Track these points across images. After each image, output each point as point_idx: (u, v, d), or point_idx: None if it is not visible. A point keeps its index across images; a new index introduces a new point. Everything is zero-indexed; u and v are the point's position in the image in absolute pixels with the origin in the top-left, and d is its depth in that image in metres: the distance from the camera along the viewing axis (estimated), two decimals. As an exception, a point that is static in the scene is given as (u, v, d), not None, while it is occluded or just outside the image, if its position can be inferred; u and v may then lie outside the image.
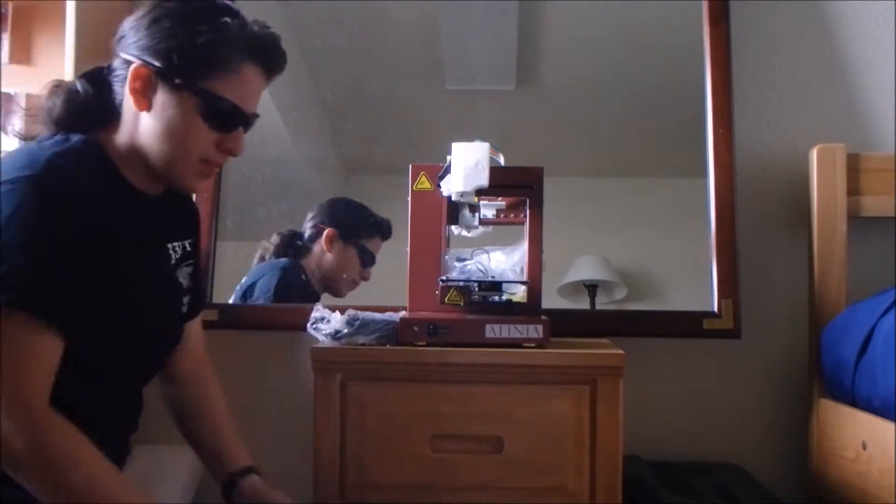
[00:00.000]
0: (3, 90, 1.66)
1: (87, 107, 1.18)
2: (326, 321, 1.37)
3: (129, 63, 1.15)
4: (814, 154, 1.67)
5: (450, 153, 1.33)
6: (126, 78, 1.15)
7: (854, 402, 1.47)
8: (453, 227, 1.45)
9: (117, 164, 1.17)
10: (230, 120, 1.18)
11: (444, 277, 1.37)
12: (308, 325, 1.39)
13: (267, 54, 1.20)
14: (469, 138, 1.33)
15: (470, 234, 1.45)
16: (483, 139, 1.33)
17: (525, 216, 1.39)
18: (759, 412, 1.75)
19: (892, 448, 1.29)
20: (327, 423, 1.31)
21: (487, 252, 1.42)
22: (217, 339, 1.72)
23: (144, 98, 1.15)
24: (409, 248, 1.40)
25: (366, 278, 1.76)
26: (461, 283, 1.37)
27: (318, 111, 1.88)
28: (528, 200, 1.38)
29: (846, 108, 1.78)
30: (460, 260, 1.41)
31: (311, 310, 1.40)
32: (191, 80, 1.14)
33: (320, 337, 1.37)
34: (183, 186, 1.23)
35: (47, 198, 1.05)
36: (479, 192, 1.33)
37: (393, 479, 1.31)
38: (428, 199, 1.40)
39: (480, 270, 1.39)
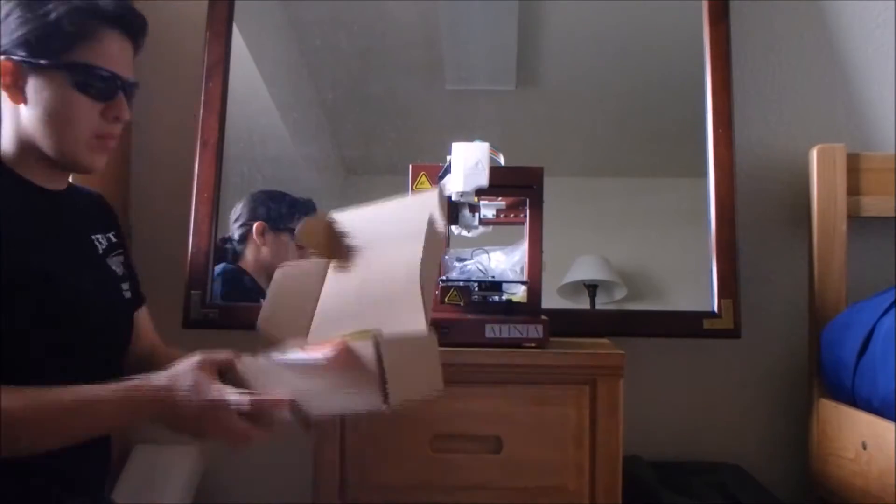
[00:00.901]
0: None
1: None
2: None
3: None
4: (814, 154, 1.67)
5: (450, 153, 1.33)
6: None
7: (854, 402, 1.47)
8: (453, 227, 1.44)
9: (14, 168, 1.17)
10: (106, 86, 1.18)
11: (443, 277, 1.37)
12: None
13: (121, 17, 1.19)
14: (469, 138, 1.33)
15: (470, 234, 1.45)
16: (483, 139, 1.33)
17: (525, 216, 1.39)
18: (759, 412, 1.75)
19: (892, 448, 1.29)
20: (327, 424, 1.31)
21: (487, 252, 1.42)
22: (217, 339, 1.72)
23: (17, 90, 1.15)
24: (409, 248, 1.40)
25: (307, 260, 1.76)
26: (461, 284, 1.37)
27: (318, 111, 1.87)
28: (528, 200, 1.38)
29: (846, 108, 1.78)
30: (460, 260, 1.41)
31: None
32: (55, 56, 1.14)
33: None
34: (83, 166, 1.21)
35: None
36: (479, 192, 1.33)
37: (393, 479, 1.31)
38: (428, 199, 1.40)
39: (480, 270, 1.39)
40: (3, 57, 1.14)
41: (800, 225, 1.71)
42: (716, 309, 1.65)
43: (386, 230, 1.15)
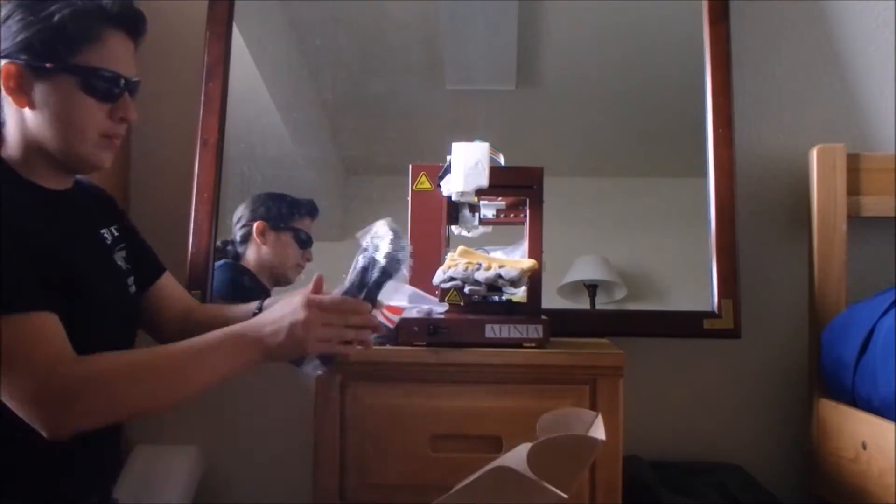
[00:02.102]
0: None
1: None
2: None
3: None
4: (814, 154, 1.67)
5: (450, 153, 1.33)
6: None
7: (854, 401, 1.47)
8: (453, 227, 1.45)
9: (20, 172, 1.17)
10: (113, 87, 1.18)
11: (437, 280, 1.36)
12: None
13: (124, 17, 1.19)
14: (469, 138, 1.33)
15: (470, 234, 1.45)
16: (483, 139, 1.33)
17: (525, 216, 1.39)
18: (759, 412, 1.75)
19: (892, 448, 1.29)
20: (327, 423, 1.31)
21: (487, 252, 1.42)
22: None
23: (23, 94, 1.15)
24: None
25: (309, 259, 1.77)
26: (455, 287, 1.36)
27: (318, 111, 1.87)
28: (528, 200, 1.38)
29: (846, 108, 1.78)
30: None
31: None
32: (61, 60, 1.14)
33: None
34: (90, 166, 1.21)
35: None
36: (479, 192, 1.33)
37: (393, 479, 1.31)
38: (428, 199, 1.40)
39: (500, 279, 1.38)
40: (5, 61, 1.14)
41: (800, 225, 1.71)
42: (716, 309, 1.65)
43: None
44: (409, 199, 1.41)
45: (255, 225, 1.76)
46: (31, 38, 1.13)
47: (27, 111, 1.16)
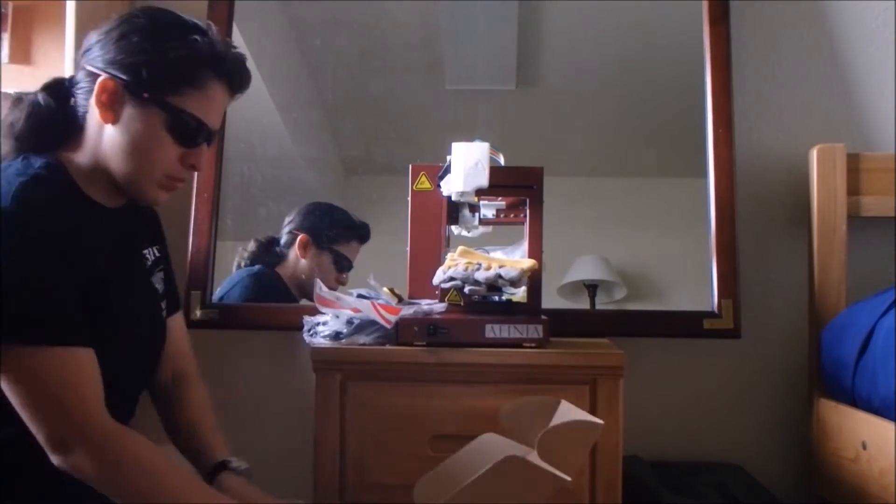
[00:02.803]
0: (3, 90, 1.66)
1: (48, 121, 1.18)
2: (323, 324, 1.37)
3: (94, 76, 1.15)
4: (814, 154, 1.67)
5: (450, 153, 1.33)
6: (91, 91, 1.15)
7: (854, 401, 1.47)
8: (453, 227, 1.45)
9: (80, 184, 1.18)
10: (195, 135, 1.19)
11: (437, 280, 1.36)
12: (304, 333, 1.38)
13: (233, 73, 1.21)
14: (469, 138, 1.33)
15: (470, 234, 1.45)
16: (483, 139, 1.33)
17: (525, 216, 1.39)
18: (759, 412, 1.75)
19: (892, 448, 1.29)
20: (327, 423, 1.31)
21: (487, 252, 1.42)
22: (217, 338, 1.72)
23: (111, 111, 1.15)
24: (409, 248, 1.40)
25: (343, 283, 1.76)
26: (455, 287, 1.36)
27: (318, 111, 1.88)
28: (528, 200, 1.38)
29: (846, 108, 1.78)
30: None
31: (312, 309, 1.40)
32: (158, 94, 1.15)
33: (319, 341, 1.36)
34: (146, 200, 1.23)
35: (25, 234, 1.06)
36: (479, 192, 1.33)
37: (393, 479, 1.31)
38: (428, 199, 1.40)
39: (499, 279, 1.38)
40: (107, 75, 1.14)
41: (800, 225, 1.71)
42: (716, 309, 1.65)
43: None
44: (409, 199, 1.41)
45: (300, 237, 1.76)
46: (141, 63, 1.14)
47: (108, 129, 1.16)
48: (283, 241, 1.77)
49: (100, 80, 1.14)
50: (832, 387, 1.56)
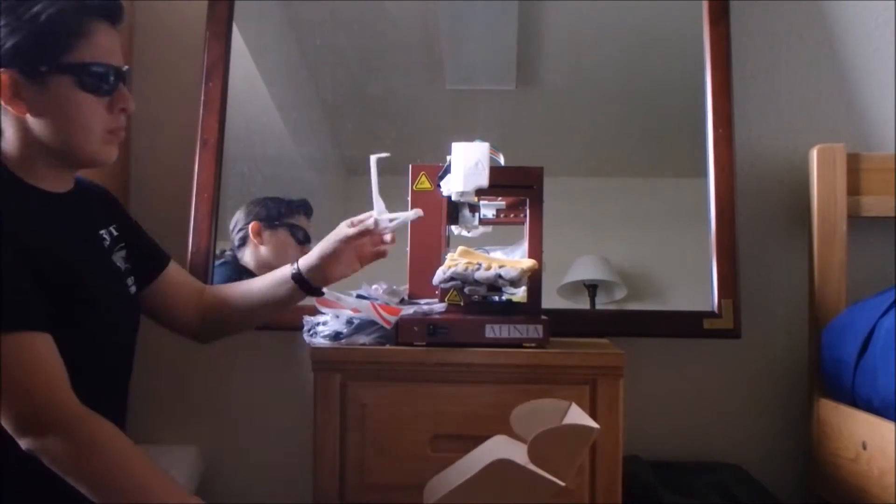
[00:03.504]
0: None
1: None
2: (323, 324, 1.37)
3: None
4: (814, 154, 1.67)
5: (450, 153, 1.33)
6: None
7: (854, 402, 1.47)
8: (453, 227, 1.45)
9: (20, 174, 1.17)
10: (107, 80, 1.18)
11: (437, 280, 1.36)
12: (304, 332, 1.39)
13: (106, 7, 1.19)
14: (469, 138, 1.33)
15: (470, 234, 1.45)
16: (483, 139, 1.33)
17: (525, 216, 1.39)
18: (759, 412, 1.75)
19: (892, 448, 1.29)
20: (327, 423, 1.31)
21: (487, 252, 1.42)
22: (217, 339, 1.72)
23: (19, 101, 1.14)
24: (409, 248, 1.40)
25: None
26: (455, 287, 1.36)
27: (318, 111, 1.87)
28: (528, 200, 1.38)
29: (846, 108, 1.78)
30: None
31: (312, 309, 1.40)
32: (53, 61, 1.13)
33: (318, 341, 1.36)
34: (99, 163, 1.22)
35: None
36: (479, 192, 1.33)
37: (393, 479, 1.31)
38: (428, 199, 1.40)
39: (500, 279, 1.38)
40: None
41: (800, 225, 1.71)
42: (716, 309, 1.65)
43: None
44: (409, 199, 1.41)
45: (251, 226, 1.76)
46: (20, 42, 1.12)
47: (28, 117, 1.15)
48: (236, 243, 1.77)
49: None
50: (832, 387, 1.56)
